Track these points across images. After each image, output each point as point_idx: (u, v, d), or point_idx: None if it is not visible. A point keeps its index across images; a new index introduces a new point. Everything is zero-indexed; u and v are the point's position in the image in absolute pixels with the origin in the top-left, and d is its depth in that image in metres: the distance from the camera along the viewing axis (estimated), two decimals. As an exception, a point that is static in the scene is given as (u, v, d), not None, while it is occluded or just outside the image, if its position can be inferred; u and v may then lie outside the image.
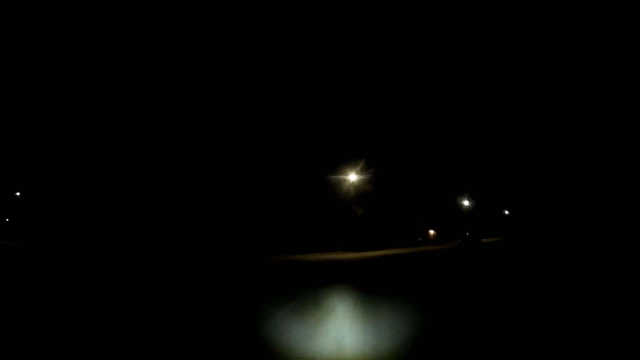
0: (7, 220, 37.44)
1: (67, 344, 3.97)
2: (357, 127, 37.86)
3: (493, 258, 14.95)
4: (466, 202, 44.50)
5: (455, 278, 8.65)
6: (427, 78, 46.77)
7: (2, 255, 18.76)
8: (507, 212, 56.11)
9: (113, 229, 31.54)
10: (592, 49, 36.55)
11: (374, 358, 3.55)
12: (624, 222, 29.46)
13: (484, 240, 31.77)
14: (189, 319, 5.03)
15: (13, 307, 6.05)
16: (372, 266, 12.97)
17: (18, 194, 37.26)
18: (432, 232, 45.16)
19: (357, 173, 33.50)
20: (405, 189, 39.54)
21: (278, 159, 35.13)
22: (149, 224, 32.16)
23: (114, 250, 24.84)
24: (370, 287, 7.54)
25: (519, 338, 3.77)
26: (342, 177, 33.63)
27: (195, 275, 10.87)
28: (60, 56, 34.80)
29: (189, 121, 35.79)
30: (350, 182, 34.08)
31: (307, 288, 7.64)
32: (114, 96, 35.07)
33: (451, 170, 44.43)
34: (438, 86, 47.03)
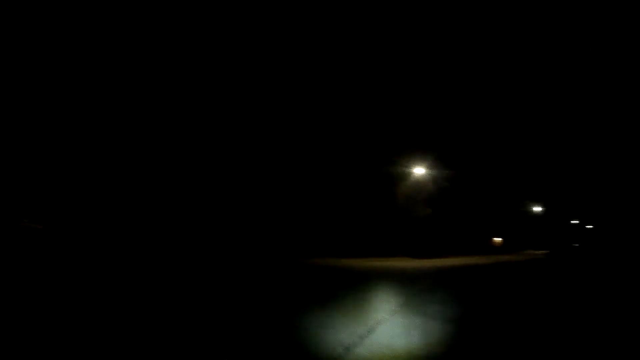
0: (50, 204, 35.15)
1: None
2: (431, 120, 33.05)
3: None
4: (538, 208, 38.96)
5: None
6: (505, 82, 41.54)
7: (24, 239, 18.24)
8: (575, 222, 50.24)
9: (134, 217, 28.06)
10: None
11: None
12: None
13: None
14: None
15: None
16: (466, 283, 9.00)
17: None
18: (498, 239, 39.75)
19: (427, 168, 28.75)
20: (474, 192, 34.49)
21: (330, 142, 30.66)
22: (175, 215, 28.43)
23: (128, 239, 21.74)
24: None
25: None
26: (408, 170, 28.92)
27: (226, 277, 9.09)
28: (67, 42, 31.84)
29: (237, 102, 32.05)
30: (418, 177, 29.34)
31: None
32: (137, 81, 31.79)
33: (521, 175, 39.57)
34: (517, 89, 41.84)
